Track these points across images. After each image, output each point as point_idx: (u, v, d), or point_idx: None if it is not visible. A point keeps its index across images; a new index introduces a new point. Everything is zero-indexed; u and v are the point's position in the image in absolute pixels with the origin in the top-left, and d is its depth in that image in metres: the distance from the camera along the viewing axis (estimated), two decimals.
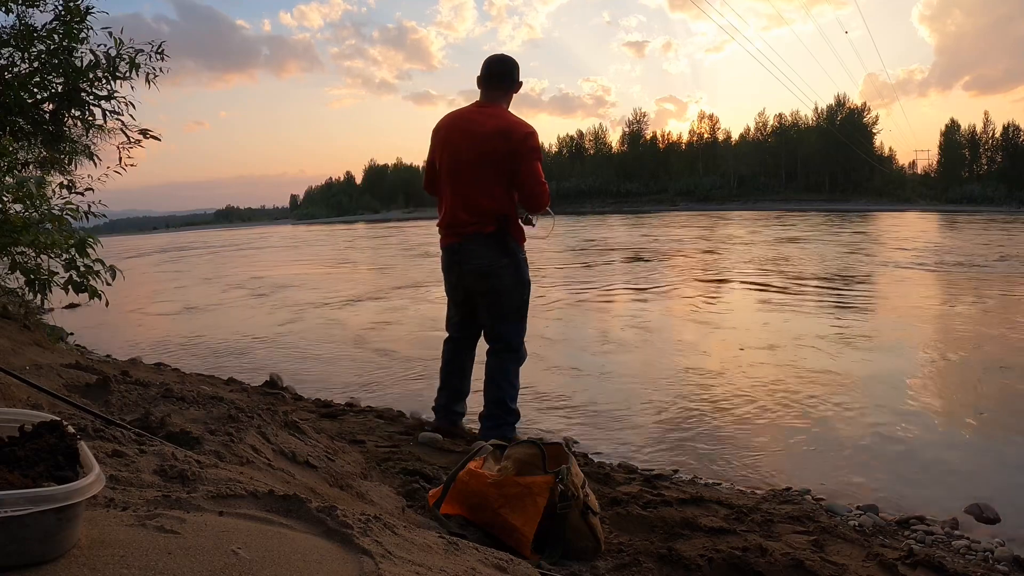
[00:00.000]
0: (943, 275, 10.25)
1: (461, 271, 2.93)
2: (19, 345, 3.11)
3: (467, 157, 2.81)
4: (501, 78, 2.89)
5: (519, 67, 2.96)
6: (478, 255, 2.86)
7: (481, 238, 2.84)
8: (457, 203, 2.86)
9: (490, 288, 2.89)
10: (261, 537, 0.96)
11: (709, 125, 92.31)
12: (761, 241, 18.78)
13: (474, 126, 2.82)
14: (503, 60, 2.93)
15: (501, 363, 2.94)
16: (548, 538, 1.79)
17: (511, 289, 2.89)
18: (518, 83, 2.95)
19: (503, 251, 2.85)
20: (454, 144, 2.86)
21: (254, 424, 1.94)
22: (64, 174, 4.71)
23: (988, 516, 2.44)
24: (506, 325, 2.94)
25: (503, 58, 2.93)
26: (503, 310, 2.92)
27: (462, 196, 2.85)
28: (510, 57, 2.94)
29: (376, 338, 6.47)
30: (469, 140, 2.81)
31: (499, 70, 2.90)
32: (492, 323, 2.96)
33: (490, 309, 2.94)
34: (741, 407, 3.83)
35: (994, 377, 4.41)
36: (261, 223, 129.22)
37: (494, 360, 2.96)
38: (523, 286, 2.92)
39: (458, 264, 2.92)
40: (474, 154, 2.79)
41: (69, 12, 4.30)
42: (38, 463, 0.84)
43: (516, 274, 2.89)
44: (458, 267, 2.93)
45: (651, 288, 9.59)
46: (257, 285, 12.17)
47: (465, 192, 2.84)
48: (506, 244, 2.86)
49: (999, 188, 65.21)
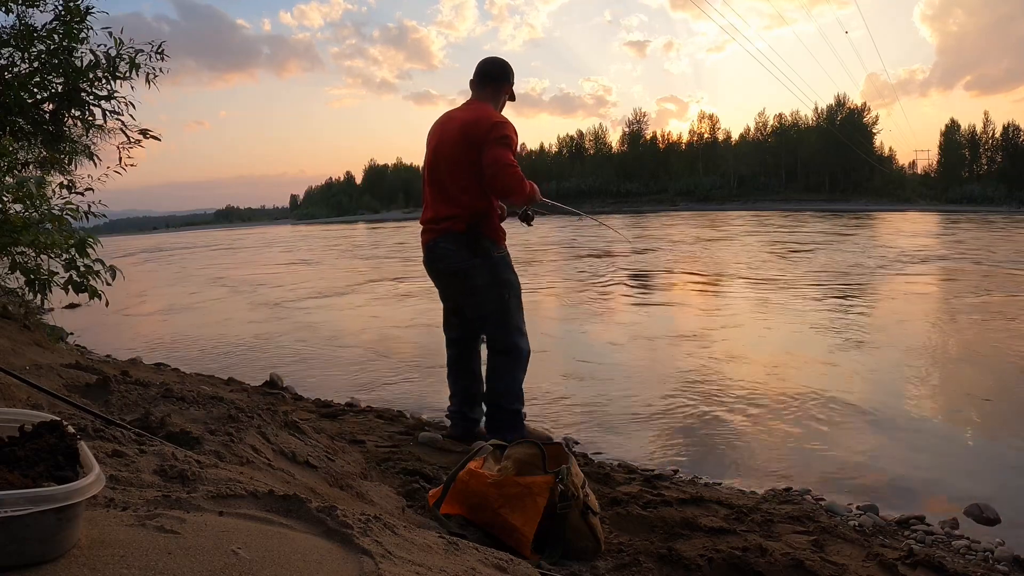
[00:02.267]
0: (943, 275, 10.25)
1: (436, 270, 2.93)
2: (19, 345, 3.11)
3: (441, 153, 2.83)
4: (486, 76, 2.90)
5: (510, 68, 2.95)
6: (449, 255, 2.83)
7: (452, 237, 2.81)
8: (435, 198, 2.87)
9: (465, 289, 2.87)
10: (261, 537, 0.96)
11: (709, 125, 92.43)
12: (761, 241, 18.77)
13: (450, 123, 2.85)
14: (490, 59, 2.96)
15: (493, 364, 2.91)
16: (548, 538, 1.79)
17: (486, 290, 2.83)
18: (507, 84, 2.93)
19: (474, 251, 2.80)
20: (433, 142, 2.90)
21: (254, 424, 1.94)
22: (64, 174, 4.71)
23: (988, 516, 2.44)
24: (489, 327, 2.90)
25: (490, 58, 2.97)
26: (482, 312, 2.88)
27: (438, 192, 2.87)
28: (500, 58, 2.97)
29: (376, 338, 6.47)
30: (443, 136, 2.84)
31: (484, 69, 2.91)
32: (477, 324, 2.95)
33: (470, 311, 2.93)
34: (741, 407, 3.83)
35: (994, 377, 4.41)
36: (261, 223, 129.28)
37: (490, 360, 2.92)
38: (500, 286, 2.84)
39: (433, 264, 2.92)
40: (446, 149, 2.80)
41: (69, 12, 4.30)
42: (38, 463, 0.84)
43: (491, 274, 2.82)
44: (434, 267, 2.93)
45: (651, 288, 9.59)
46: (256, 285, 12.18)
47: (440, 188, 2.85)
48: (478, 243, 2.80)
49: (999, 188, 65.20)
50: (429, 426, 3.31)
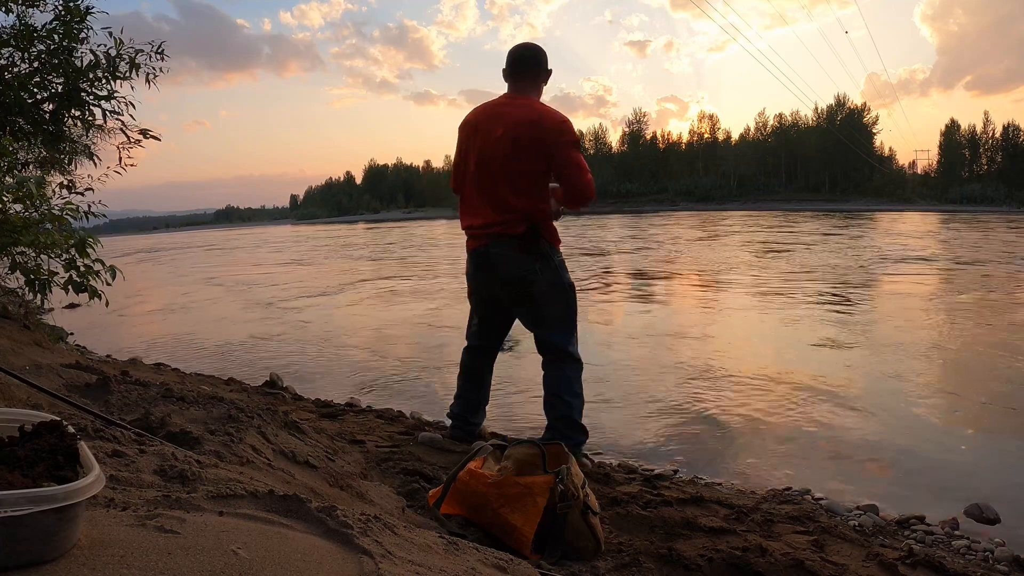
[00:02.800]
0: (944, 274, 10.25)
1: (492, 279, 2.67)
2: (19, 345, 3.11)
3: (493, 154, 2.58)
4: (526, 63, 2.67)
5: (546, 54, 2.73)
6: (507, 261, 2.60)
7: (508, 241, 2.59)
8: (483, 201, 2.63)
9: (528, 297, 2.64)
10: (261, 537, 0.96)
11: (709, 125, 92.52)
12: (761, 241, 18.78)
13: (503, 118, 2.59)
14: (527, 45, 2.73)
15: (560, 373, 2.69)
16: (548, 538, 1.78)
17: (552, 296, 2.65)
18: (547, 71, 2.71)
19: (535, 255, 2.60)
20: (482, 138, 2.62)
21: (254, 424, 1.94)
22: (64, 174, 4.72)
23: (988, 516, 2.44)
24: (555, 335, 2.69)
25: (527, 44, 2.73)
26: (547, 319, 2.68)
27: (488, 194, 2.62)
28: (534, 44, 2.73)
29: (376, 338, 6.47)
30: (497, 133, 2.57)
31: (523, 54, 2.67)
32: (539, 334, 2.71)
33: (533, 319, 2.70)
34: (741, 407, 3.83)
35: (994, 377, 4.41)
36: (261, 223, 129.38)
37: (552, 372, 2.71)
38: (565, 291, 2.68)
39: (487, 271, 2.67)
40: (503, 147, 2.56)
41: (69, 12, 4.31)
42: (38, 463, 0.84)
43: (555, 278, 2.65)
44: (487, 275, 2.68)
45: (651, 288, 9.59)
46: (250, 285, 12.18)
47: (492, 189, 2.61)
48: (538, 247, 2.61)
49: (999, 188, 65.26)
50: (429, 426, 3.31)
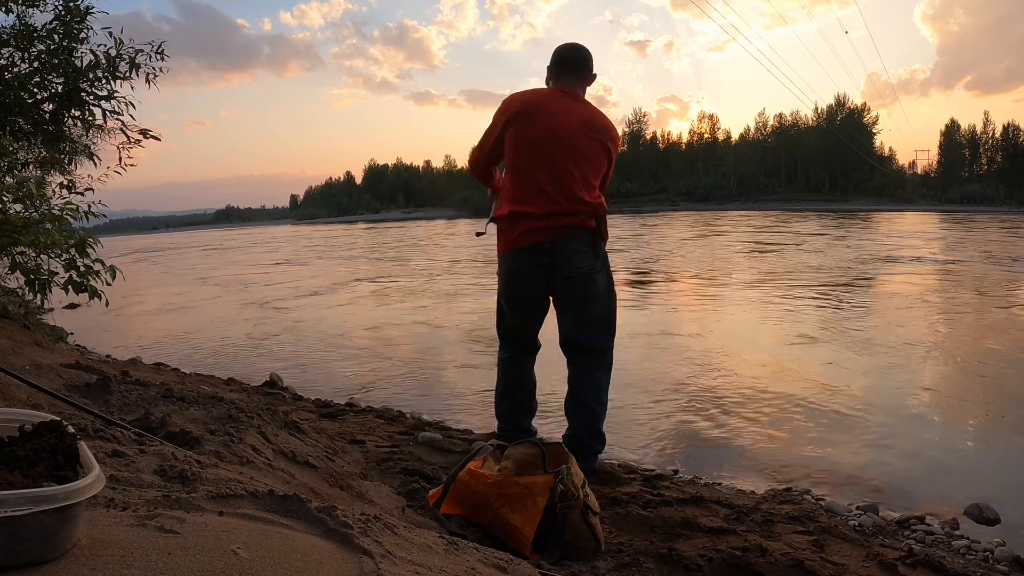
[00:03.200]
0: (944, 274, 10.25)
1: (554, 276, 2.51)
2: (19, 345, 3.11)
3: (568, 141, 2.47)
4: (588, 67, 2.60)
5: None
6: (577, 255, 2.49)
7: (581, 235, 2.50)
8: (556, 187, 2.46)
9: (586, 296, 2.57)
10: (261, 537, 0.96)
11: (709, 125, 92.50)
12: (761, 241, 18.78)
13: (577, 112, 2.51)
14: (583, 48, 2.63)
15: (592, 381, 2.63)
16: (548, 538, 1.79)
17: (605, 296, 2.61)
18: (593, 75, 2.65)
19: (598, 251, 2.56)
20: (547, 122, 2.47)
21: (254, 424, 1.94)
22: (64, 174, 4.72)
23: (988, 516, 2.44)
24: (598, 336, 2.64)
25: (582, 46, 2.63)
26: (595, 320, 2.62)
27: (559, 181, 2.46)
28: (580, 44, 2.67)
29: (376, 337, 6.47)
30: (574, 125, 2.48)
31: (586, 56, 2.60)
32: (580, 332, 2.62)
33: (581, 319, 2.61)
34: (741, 407, 3.83)
35: (995, 377, 4.41)
36: (261, 223, 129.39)
37: (582, 377, 2.64)
38: (613, 291, 2.67)
39: (549, 267, 2.50)
40: (575, 140, 2.47)
41: (69, 12, 4.31)
42: (38, 463, 0.84)
43: (608, 279, 2.63)
44: (549, 271, 2.51)
45: (650, 287, 9.59)
46: (247, 284, 12.18)
47: (564, 177, 2.46)
48: (600, 244, 2.58)
49: (999, 188, 65.25)
50: (429, 426, 3.31)
